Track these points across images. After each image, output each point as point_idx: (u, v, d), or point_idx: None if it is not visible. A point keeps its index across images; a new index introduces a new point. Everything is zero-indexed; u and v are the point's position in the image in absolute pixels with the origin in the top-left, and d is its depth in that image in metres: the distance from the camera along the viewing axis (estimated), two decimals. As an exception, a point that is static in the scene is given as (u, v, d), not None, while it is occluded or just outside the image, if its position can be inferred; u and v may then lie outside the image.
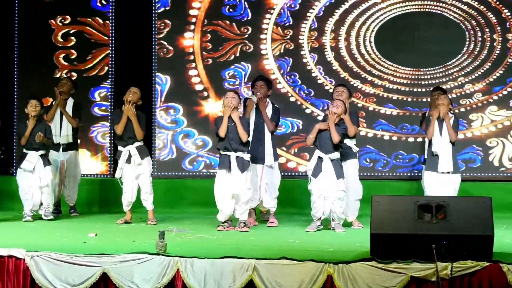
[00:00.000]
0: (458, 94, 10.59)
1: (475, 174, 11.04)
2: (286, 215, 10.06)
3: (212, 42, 11.60)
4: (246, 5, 11.55)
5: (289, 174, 11.29)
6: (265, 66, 11.47)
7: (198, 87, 11.54)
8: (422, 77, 11.29)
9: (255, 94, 9.42)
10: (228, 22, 11.56)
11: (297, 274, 6.39)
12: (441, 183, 8.85)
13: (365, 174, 10.80)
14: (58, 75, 11.54)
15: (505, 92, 11.16)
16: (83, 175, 10.94)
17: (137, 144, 9.43)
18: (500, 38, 11.21)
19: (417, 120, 10.43)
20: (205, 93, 11.51)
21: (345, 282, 6.31)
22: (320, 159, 8.72)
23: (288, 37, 11.53)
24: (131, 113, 9.33)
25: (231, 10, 11.60)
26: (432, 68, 11.27)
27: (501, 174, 11.05)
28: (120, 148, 9.53)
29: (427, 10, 11.37)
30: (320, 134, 8.74)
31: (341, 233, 8.59)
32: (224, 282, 6.47)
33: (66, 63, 11.69)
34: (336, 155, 8.71)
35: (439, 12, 11.35)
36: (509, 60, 11.18)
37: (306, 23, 11.50)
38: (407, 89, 11.32)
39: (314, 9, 11.50)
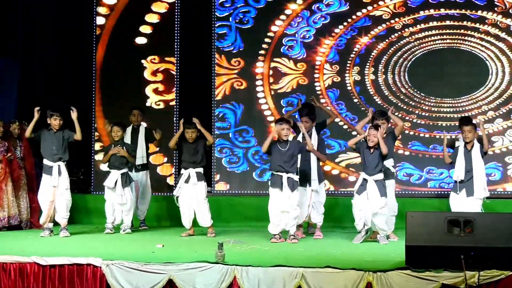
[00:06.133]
0: (482, 120, 10.53)
1: (498, 192, 11.00)
2: (330, 229, 10.02)
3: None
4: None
5: (334, 192, 11.33)
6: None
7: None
8: (450, 106, 11.44)
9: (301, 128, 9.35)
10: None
11: (340, 281, 6.37)
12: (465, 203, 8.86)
13: (400, 192, 10.80)
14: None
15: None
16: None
17: (197, 169, 9.50)
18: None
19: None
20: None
21: (383, 288, 6.30)
22: (365, 180, 8.69)
23: (335, 71, 11.76)
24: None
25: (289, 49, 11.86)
26: (458, 98, 11.39)
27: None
28: (182, 170, 9.60)
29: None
30: (365, 157, 8.73)
31: (384, 245, 8.52)
32: (275, 288, 6.51)
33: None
34: (380, 176, 8.68)
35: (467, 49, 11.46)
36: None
37: (350, 60, 11.75)
38: (437, 115, 11.45)
39: (357, 48, 11.72)
